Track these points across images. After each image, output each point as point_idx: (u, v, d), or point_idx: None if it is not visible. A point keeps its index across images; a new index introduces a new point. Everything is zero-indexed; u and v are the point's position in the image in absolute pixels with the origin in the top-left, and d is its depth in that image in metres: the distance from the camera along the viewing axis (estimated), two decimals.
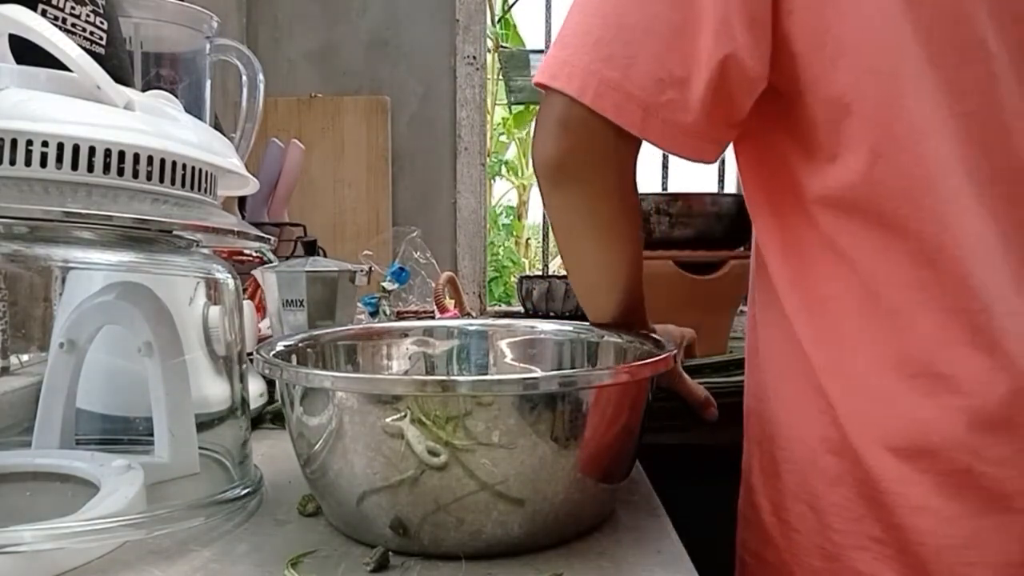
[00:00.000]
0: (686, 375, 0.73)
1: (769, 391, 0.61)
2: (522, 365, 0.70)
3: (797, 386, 0.58)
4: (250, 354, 0.61)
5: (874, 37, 0.50)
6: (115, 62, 0.59)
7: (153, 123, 0.50)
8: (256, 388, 0.76)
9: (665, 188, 1.87)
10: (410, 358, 0.69)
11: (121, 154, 0.46)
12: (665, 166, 1.90)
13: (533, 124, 0.57)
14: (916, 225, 0.51)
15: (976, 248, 0.50)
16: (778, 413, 0.60)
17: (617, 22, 0.52)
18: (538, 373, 0.67)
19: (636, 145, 0.56)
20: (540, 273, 2.06)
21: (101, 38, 0.58)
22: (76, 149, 0.45)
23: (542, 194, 0.60)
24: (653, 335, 0.62)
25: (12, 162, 0.44)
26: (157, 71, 0.77)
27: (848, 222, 0.53)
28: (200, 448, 0.58)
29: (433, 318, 1.25)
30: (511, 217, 7.56)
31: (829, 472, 0.55)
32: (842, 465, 0.54)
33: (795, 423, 0.58)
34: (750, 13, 0.50)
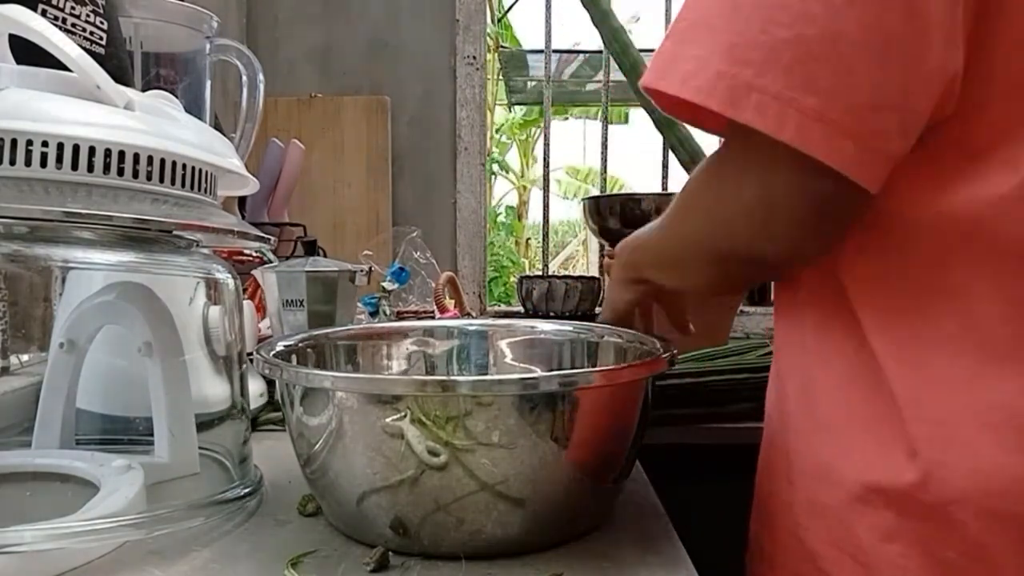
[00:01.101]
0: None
1: (821, 428, 0.52)
2: (522, 365, 0.70)
3: (862, 427, 0.49)
4: (250, 354, 0.61)
5: None
6: (115, 62, 0.59)
7: (153, 123, 0.50)
8: (256, 388, 0.76)
9: (665, 188, 1.86)
10: (410, 358, 0.69)
11: (121, 154, 0.46)
12: (665, 166, 1.90)
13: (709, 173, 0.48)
14: None
15: None
16: (825, 452, 0.52)
17: (814, 34, 0.41)
18: (538, 373, 0.67)
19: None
20: (540, 273, 2.05)
21: (101, 38, 0.58)
22: (76, 149, 0.45)
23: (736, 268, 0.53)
24: (653, 336, 0.62)
25: (12, 162, 0.44)
26: (157, 71, 0.77)
27: (969, 246, 0.44)
28: (200, 448, 0.58)
29: (433, 318, 1.25)
30: (511, 217, 7.57)
31: (882, 525, 0.47)
32: (901, 519, 0.46)
33: (851, 466, 0.50)
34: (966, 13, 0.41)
